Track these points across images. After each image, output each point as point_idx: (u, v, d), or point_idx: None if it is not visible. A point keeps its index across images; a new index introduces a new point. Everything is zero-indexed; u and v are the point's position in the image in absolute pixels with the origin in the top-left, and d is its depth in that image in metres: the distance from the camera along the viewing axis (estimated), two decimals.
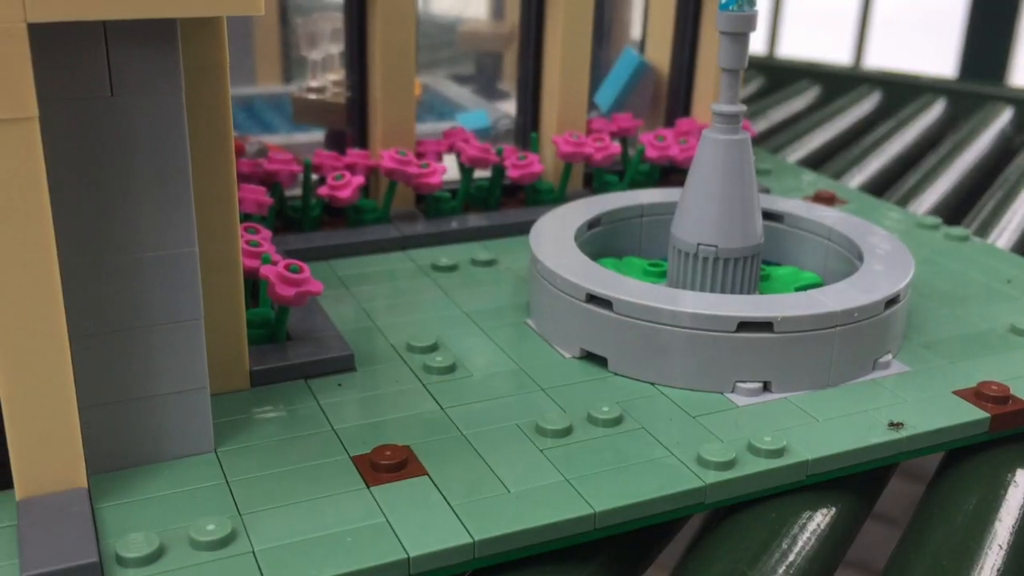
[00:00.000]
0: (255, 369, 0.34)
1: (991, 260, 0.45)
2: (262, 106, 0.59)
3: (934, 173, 0.62)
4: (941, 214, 0.56)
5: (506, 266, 0.44)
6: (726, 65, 0.37)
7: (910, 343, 0.38)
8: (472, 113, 0.57)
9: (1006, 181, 0.61)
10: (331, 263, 0.44)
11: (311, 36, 0.51)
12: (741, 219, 0.38)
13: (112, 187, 0.27)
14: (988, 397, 0.33)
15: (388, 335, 0.38)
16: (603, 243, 0.43)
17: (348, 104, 0.48)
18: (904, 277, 0.37)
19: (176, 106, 0.27)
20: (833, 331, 0.34)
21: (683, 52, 0.55)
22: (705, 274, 0.38)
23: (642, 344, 0.35)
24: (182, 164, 0.27)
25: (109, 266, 0.27)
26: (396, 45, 0.46)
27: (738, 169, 0.37)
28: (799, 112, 0.81)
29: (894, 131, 0.72)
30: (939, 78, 0.89)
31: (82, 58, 0.25)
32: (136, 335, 0.28)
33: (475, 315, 0.40)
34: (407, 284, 0.42)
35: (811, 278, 0.41)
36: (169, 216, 0.28)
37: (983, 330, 0.39)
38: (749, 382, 0.34)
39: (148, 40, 0.26)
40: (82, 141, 0.26)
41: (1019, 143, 0.75)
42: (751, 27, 0.37)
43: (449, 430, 0.32)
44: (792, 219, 0.43)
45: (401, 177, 0.45)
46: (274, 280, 0.34)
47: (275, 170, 0.44)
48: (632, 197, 0.45)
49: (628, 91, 0.56)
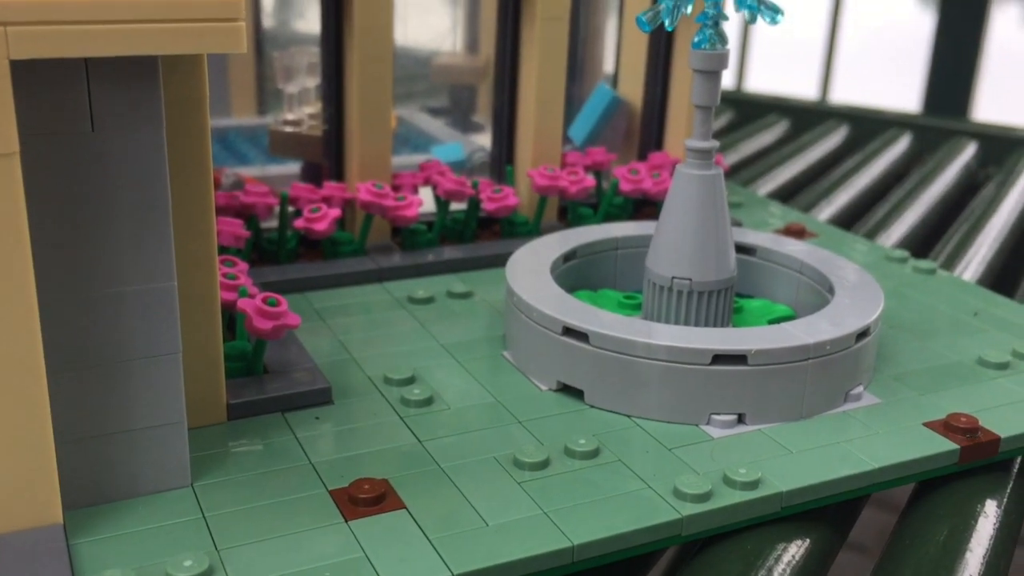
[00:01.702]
0: (232, 402, 0.34)
1: (958, 293, 0.46)
2: (237, 138, 0.59)
3: (901, 206, 0.63)
4: (908, 247, 0.57)
5: (482, 298, 0.45)
6: (699, 102, 0.38)
7: (880, 375, 0.38)
8: (447, 146, 0.58)
9: (971, 214, 0.62)
10: (307, 295, 0.44)
11: (287, 69, 0.52)
12: (715, 253, 0.38)
13: (92, 221, 0.27)
14: (957, 429, 0.34)
15: (365, 367, 0.38)
16: (578, 276, 0.44)
17: (324, 137, 0.48)
18: (874, 310, 0.37)
19: (157, 142, 0.27)
20: (806, 364, 0.35)
21: (655, 87, 0.56)
22: (679, 307, 0.38)
23: (618, 377, 0.35)
24: (162, 199, 0.27)
25: (88, 300, 0.27)
26: (373, 79, 0.46)
27: (711, 204, 0.38)
28: (769, 145, 0.83)
29: (861, 165, 0.73)
30: (904, 113, 0.91)
31: (63, 94, 0.26)
32: (114, 369, 0.28)
33: (452, 347, 0.40)
34: (383, 316, 0.42)
35: (783, 311, 0.42)
36: (148, 250, 0.28)
37: (951, 362, 0.39)
38: (724, 414, 0.34)
39: (129, 77, 0.26)
40: (62, 176, 0.26)
41: (983, 177, 0.76)
42: (723, 65, 0.37)
43: (427, 463, 0.32)
44: (764, 252, 0.44)
45: (377, 210, 0.46)
46: (251, 313, 0.34)
47: (252, 203, 0.44)
48: (607, 230, 0.45)
49: (602, 125, 0.56)
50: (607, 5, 0.59)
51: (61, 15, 0.23)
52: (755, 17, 0.37)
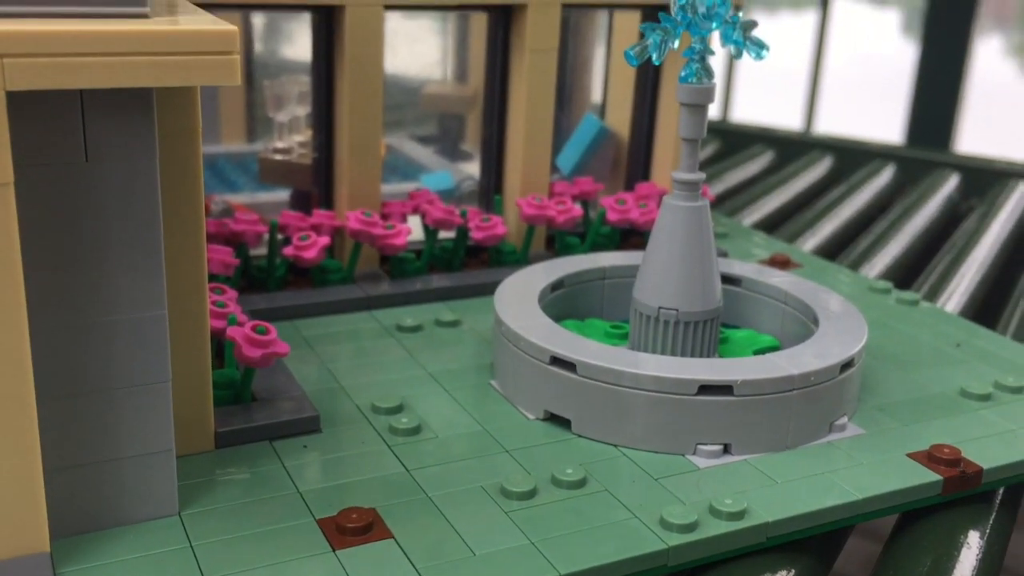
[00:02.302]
0: (220, 431, 0.34)
1: (940, 324, 0.47)
2: (226, 165, 0.59)
3: (885, 237, 0.64)
4: (892, 278, 0.58)
5: (470, 327, 0.45)
6: (686, 135, 0.38)
7: (864, 406, 0.38)
8: (436, 174, 0.58)
9: (953, 246, 0.63)
10: (295, 323, 0.44)
11: (278, 98, 0.52)
12: (701, 283, 0.39)
13: (84, 250, 0.27)
14: (940, 460, 0.34)
15: (353, 396, 0.38)
16: (566, 305, 0.44)
17: (314, 165, 0.49)
18: (858, 341, 0.38)
19: (150, 172, 0.27)
20: (791, 394, 0.35)
21: (642, 118, 0.56)
22: (666, 337, 0.39)
23: (605, 406, 0.35)
24: (154, 229, 0.28)
25: (78, 328, 0.27)
26: (363, 108, 0.46)
27: (698, 235, 0.38)
28: (754, 176, 0.83)
29: (845, 196, 0.74)
30: (888, 144, 0.92)
31: (58, 125, 0.26)
32: (103, 397, 0.28)
33: (440, 376, 0.40)
34: (371, 344, 0.43)
35: (768, 341, 0.42)
36: (140, 279, 0.28)
37: (934, 393, 0.40)
38: (710, 444, 0.35)
39: (124, 108, 0.26)
40: (55, 205, 0.26)
41: (965, 209, 0.77)
42: (709, 99, 0.38)
43: (415, 492, 0.32)
44: (749, 283, 0.44)
45: (366, 238, 0.46)
46: (241, 342, 0.34)
47: (241, 230, 0.44)
48: (594, 260, 0.45)
49: (589, 155, 0.57)
50: (595, 37, 0.59)
51: (57, 47, 0.24)
52: (741, 52, 0.37)
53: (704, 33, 0.37)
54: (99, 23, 0.24)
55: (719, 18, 0.37)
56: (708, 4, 0.37)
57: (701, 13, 0.37)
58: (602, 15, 0.58)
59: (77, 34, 0.24)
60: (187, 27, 0.25)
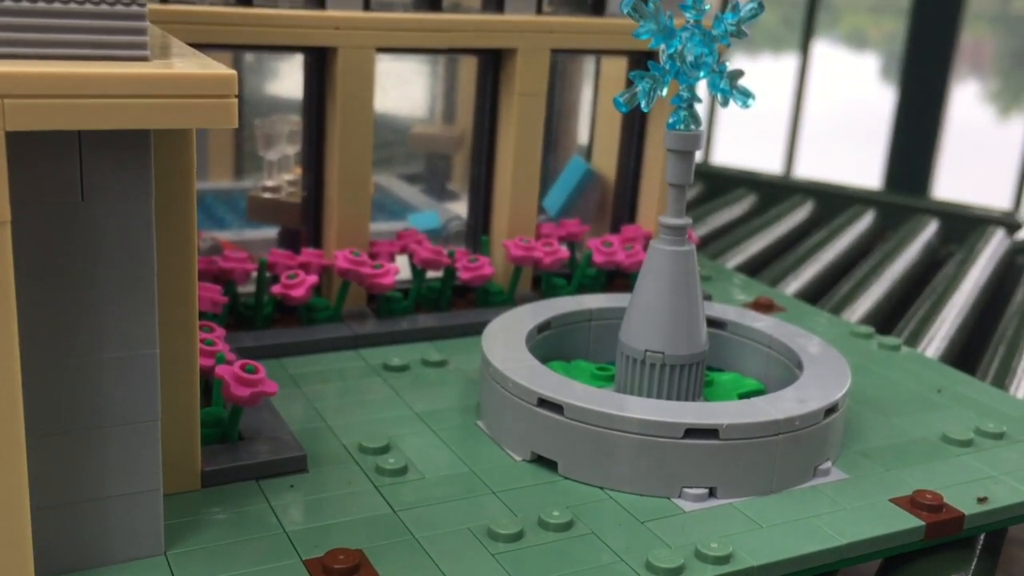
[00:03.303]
0: (206, 469, 0.34)
1: (921, 369, 0.47)
2: (214, 202, 0.59)
3: (866, 282, 0.65)
4: (873, 322, 0.58)
5: (456, 367, 0.45)
6: (673, 181, 0.39)
7: (847, 450, 0.39)
8: (423, 214, 0.59)
9: (933, 291, 0.64)
10: (282, 361, 0.44)
11: (268, 137, 0.52)
12: (687, 327, 0.39)
13: (77, 288, 0.27)
14: (923, 506, 0.35)
15: (340, 435, 0.38)
16: (552, 346, 0.44)
17: (303, 203, 0.49)
18: (842, 386, 0.38)
19: (145, 212, 0.27)
20: (776, 439, 0.35)
21: (628, 161, 0.57)
22: (652, 379, 0.39)
23: (591, 449, 0.35)
24: (148, 268, 0.28)
25: (70, 366, 0.27)
26: (353, 148, 0.47)
27: (684, 279, 0.39)
28: (736, 219, 0.84)
29: (827, 240, 0.75)
30: (867, 189, 0.93)
31: (55, 164, 0.26)
32: (93, 435, 0.28)
33: (426, 416, 0.40)
34: (358, 384, 0.43)
35: (753, 385, 0.42)
36: (132, 318, 0.28)
37: (916, 438, 0.40)
38: (695, 488, 0.35)
39: (121, 148, 0.27)
40: (51, 243, 0.27)
41: (945, 254, 0.78)
42: (697, 146, 0.38)
43: (402, 533, 0.32)
44: (734, 327, 0.45)
45: (355, 277, 0.46)
46: (229, 380, 0.34)
47: (230, 268, 0.44)
48: (580, 302, 0.46)
49: (576, 197, 0.58)
50: (582, 81, 0.60)
51: (57, 89, 0.24)
52: (728, 101, 0.38)
53: (692, 82, 0.38)
54: (99, 65, 0.25)
55: (707, 67, 0.38)
56: (696, 53, 0.37)
57: (689, 62, 0.38)
58: (589, 60, 0.58)
59: (77, 76, 0.24)
60: (186, 71, 0.25)
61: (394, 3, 0.50)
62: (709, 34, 0.37)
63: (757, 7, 0.38)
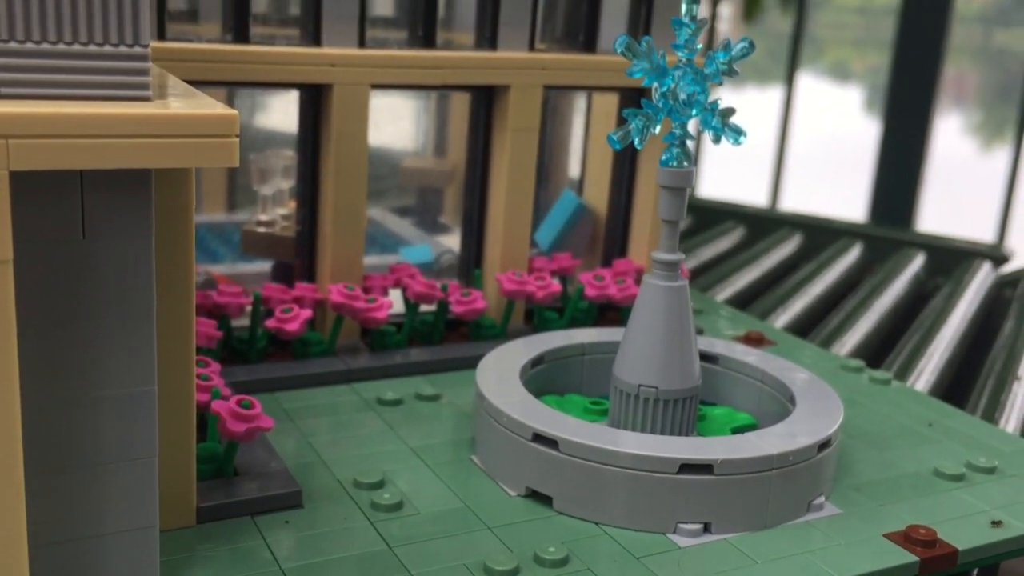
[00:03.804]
0: (202, 505, 0.34)
1: (912, 403, 0.48)
2: (208, 235, 0.59)
3: (855, 315, 0.65)
4: (862, 355, 0.59)
5: (450, 400, 0.45)
6: (666, 217, 0.39)
7: (840, 485, 0.39)
8: (416, 247, 0.59)
9: (921, 325, 0.64)
10: (276, 395, 0.44)
11: (263, 172, 0.53)
12: (680, 362, 0.39)
13: (76, 325, 0.27)
14: (916, 541, 0.35)
15: (334, 470, 0.38)
16: (545, 381, 0.44)
17: (297, 238, 0.49)
18: (834, 421, 0.38)
19: (145, 249, 0.28)
20: (770, 474, 0.35)
21: (620, 195, 0.57)
22: (646, 414, 0.39)
23: (586, 484, 0.35)
24: (147, 305, 0.28)
25: (68, 402, 0.27)
26: (348, 182, 0.47)
27: (677, 314, 0.39)
28: (725, 251, 0.85)
29: (815, 273, 0.75)
30: (854, 223, 0.94)
31: (57, 203, 0.26)
32: (90, 472, 0.28)
33: (421, 450, 0.40)
34: (352, 418, 0.43)
35: (745, 419, 0.43)
36: (131, 355, 0.28)
37: (908, 472, 0.40)
38: (690, 523, 0.35)
39: (122, 186, 0.27)
40: (51, 280, 0.27)
41: (932, 287, 0.79)
42: (689, 182, 0.39)
43: (397, 570, 0.32)
44: (726, 361, 0.45)
45: (349, 311, 0.46)
46: (225, 416, 0.34)
47: (225, 303, 0.44)
48: (573, 336, 0.46)
49: (567, 231, 0.58)
50: (574, 116, 0.61)
51: (61, 129, 0.24)
52: (720, 138, 0.38)
53: (685, 119, 0.38)
54: (102, 106, 0.25)
55: (699, 105, 0.38)
56: (689, 91, 0.38)
57: (682, 100, 0.38)
58: (581, 95, 0.59)
59: (81, 117, 0.24)
60: (188, 111, 0.26)
61: (388, 40, 0.51)
62: (701, 72, 0.38)
63: (748, 46, 0.38)
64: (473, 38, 0.51)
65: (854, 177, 1.31)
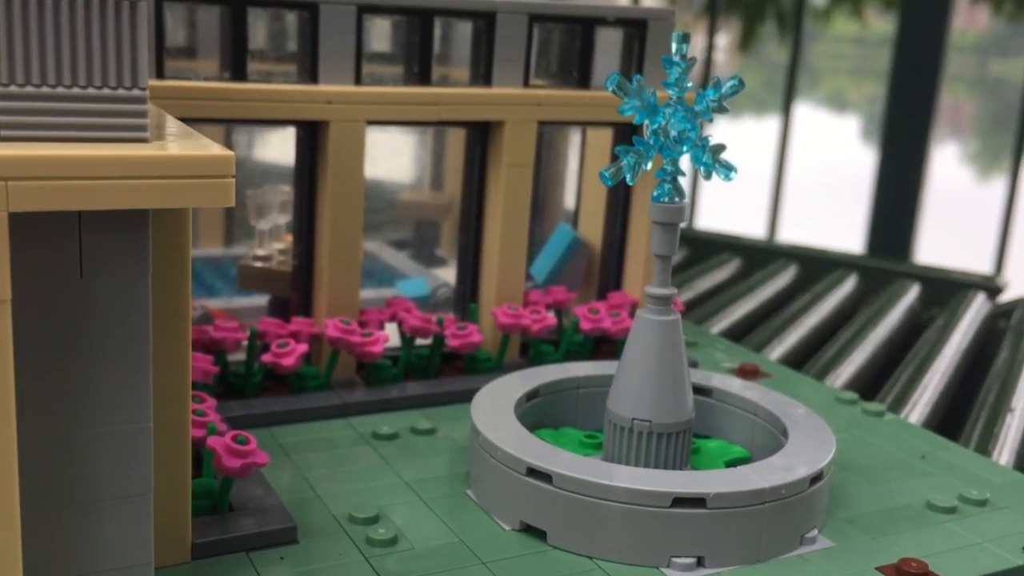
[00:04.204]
0: (197, 542, 0.34)
1: (905, 436, 0.48)
2: (204, 269, 0.60)
3: (849, 347, 0.66)
4: (857, 387, 0.59)
5: (445, 434, 0.45)
6: (658, 252, 0.40)
7: (833, 518, 0.39)
8: (412, 281, 0.59)
9: (915, 356, 0.65)
10: (272, 430, 0.44)
11: (260, 207, 0.53)
12: (673, 395, 0.39)
13: (74, 363, 0.28)
14: (909, 574, 0.35)
15: (330, 505, 0.38)
16: (541, 414, 0.45)
17: (294, 272, 0.50)
18: (826, 454, 0.39)
19: (142, 288, 0.28)
20: (763, 507, 0.36)
21: (614, 229, 0.58)
22: (640, 448, 0.40)
23: (580, 518, 0.36)
24: (143, 342, 0.28)
25: (64, 439, 0.28)
26: (344, 218, 0.48)
27: (670, 348, 0.40)
28: (721, 283, 0.85)
29: (810, 305, 0.76)
30: (850, 254, 0.95)
31: (57, 243, 0.27)
32: (85, 509, 0.28)
33: (416, 485, 0.40)
34: (348, 452, 0.43)
35: (739, 452, 0.43)
36: (128, 392, 0.28)
37: (901, 505, 0.41)
38: (684, 557, 0.35)
39: (120, 226, 0.27)
40: (48, 319, 0.27)
41: (927, 319, 0.79)
42: (681, 218, 0.39)
43: None
44: (720, 394, 0.45)
45: (345, 346, 0.46)
46: (221, 452, 0.35)
47: (221, 338, 0.45)
48: (568, 369, 0.46)
49: (563, 264, 0.58)
50: (569, 151, 0.62)
51: (60, 171, 0.25)
52: (711, 174, 0.39)
53: (676, 156, 0.39)
54: (101, 148, 0.26)
55: (690, 142, 0.39)
56: (679, 129, 0.39)
57: (673, 137, 0.39)
58: (575, 130, 0.60)
59: (80, 159, 0.25)
60: (185, 152, 0.26)
61: (384, 76, 0.51)
62: (691, 110, 0.39)
63: (737, 84, 0.39)
64: (468, 74, 0.52)
65: (852, 206, 1.32)
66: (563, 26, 0.54)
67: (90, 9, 0.26)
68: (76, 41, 0.26)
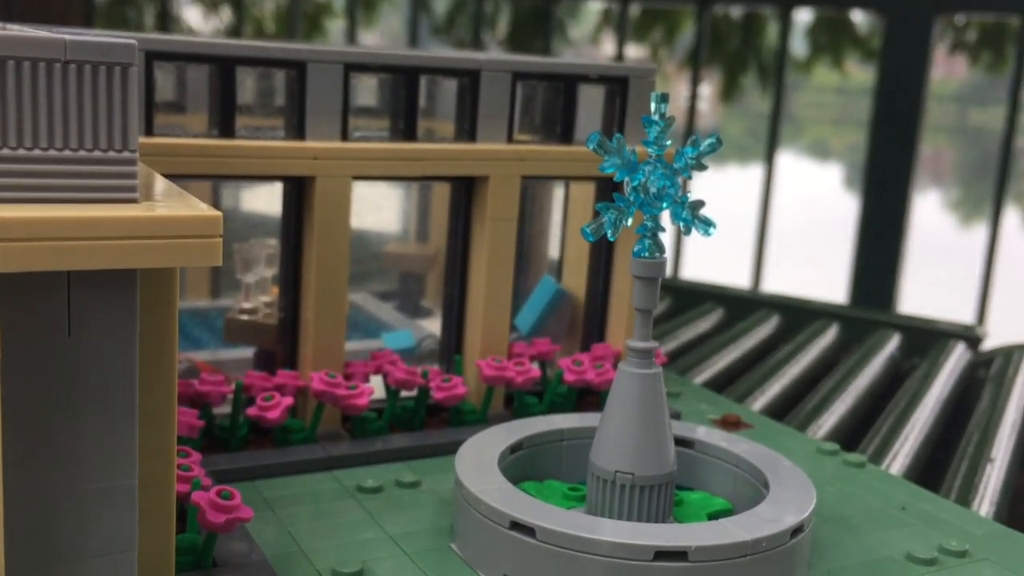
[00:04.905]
0: None
1: (886, 487, 0.48)
2: (190, 322, 0.60)
3: (831, 397, 0.66)
4: (838, 437, 0.60)
5: (430, 487, 0.45)
6: (639, 306, 0.40)
7: (815, 570, 0.39)
8: (397, 333, 0.60)
9: (896, 406, 0.65)
10: (256, 483, 0.44)
11: (246, 261, 0.54)
12: (655, 448, 0.40)
13: (59, 420, 0.28)
14: None
15: (314, 560, 0.38)
16: (525, 466, 0.45)
17: (280, 325, 0.50)
18: (807, 506, 0.39)
19: (129, 346, 0.28)
20: (744, 560, 0.36)
21: (597, 281, 0.59)
22: (622, 500, 0.40)
23: (564, 571, 0.36)
24: (129, 400, 0.29)
25: (49, 497, 0.28)
26: (330, 271, 0.48)
27: (651, 401, 0.40)
28: (705, 333, 0.86)
29: (792, 355, 0.76)
30: (831, 304, 0.96)
31: (45, 302, 0.27)
32: (68, 567, 0.28)
33: (400, 538, 0.40)
34: (332, 506, 0.43)
35: (721, 504, 0.43)
36: (113, 449, 0.28)
37: (882, 557, 0.41)
38: None
39: (109, 285, 0.28)
40: (36, 377, 0.27)
41: (908, 368, 0.80)
42: (661, 273, 0.40)
43: None
44: (702, 446, 0.46)
45: (330, 399, 0.47)
46: (205, 507, 0.35)
47: (207, 391, 0.45)
48: (552, 422, 0.47)
49: (546, 316, 0.59)
50: (552, 204, 0.62)
51: (50, 232, 0.25)
52: (690, 230, 0.40)
53: (656, 212, 0.40)
54: (90, 209, 0.26)
55: (669, 198, 0.40)
56: (659, 185, 0.39)
57: (652, 194, 0.39)
58: (559, 184, 0.61)
59: (69, 221, 0.25)
60: (173, 212, 0.27)
61: (370, 130, 0.52)
62: (671, 167, 0.39)
63: (716, 142, 0.40)
64: (453, 128, 0.53)
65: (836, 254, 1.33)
66: (546, 83, 0.55)
67: (82, 73, 0.26)
68: (68, 105, 0.26)
